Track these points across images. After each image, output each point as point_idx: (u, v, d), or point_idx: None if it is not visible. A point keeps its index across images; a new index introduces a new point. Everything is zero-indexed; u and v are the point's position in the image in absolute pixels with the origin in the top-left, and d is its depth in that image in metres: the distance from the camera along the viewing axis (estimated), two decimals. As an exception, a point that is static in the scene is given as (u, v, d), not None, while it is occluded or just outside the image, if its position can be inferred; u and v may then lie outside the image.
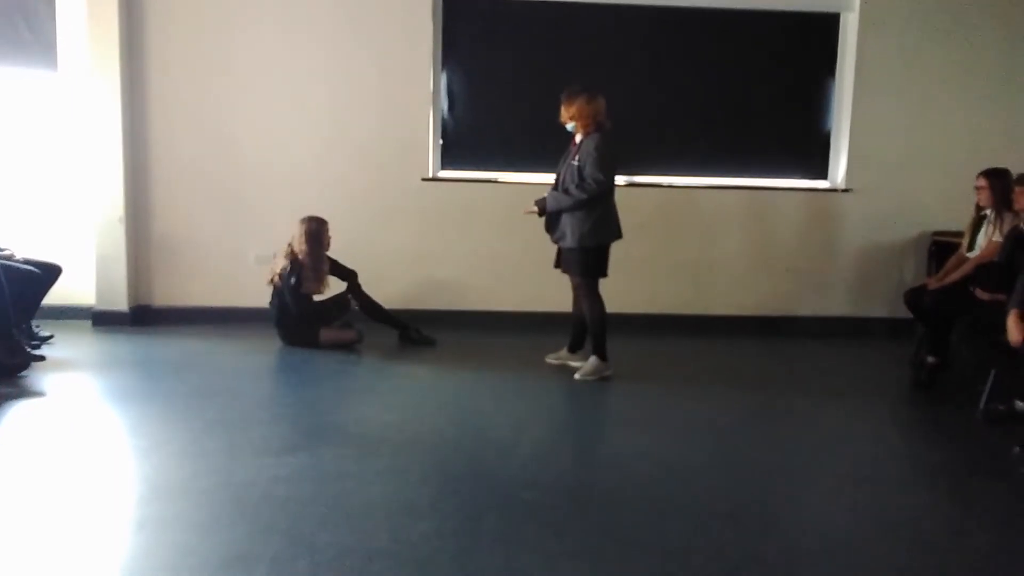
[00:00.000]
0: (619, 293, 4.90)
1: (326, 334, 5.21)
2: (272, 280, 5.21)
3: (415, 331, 5.40)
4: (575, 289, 4.72)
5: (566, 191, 4.51)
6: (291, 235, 5.21)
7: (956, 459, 3.68)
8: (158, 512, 2.85)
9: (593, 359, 4.62)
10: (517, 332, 5.65)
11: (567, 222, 4.52)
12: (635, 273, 5.87)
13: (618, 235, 4.61)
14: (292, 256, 5.16)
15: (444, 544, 2.65)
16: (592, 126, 4.49)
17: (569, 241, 4.54)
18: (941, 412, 4.37)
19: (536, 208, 4.62)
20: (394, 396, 4.37)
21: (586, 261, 4.55)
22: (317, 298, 5.31)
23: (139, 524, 2.76)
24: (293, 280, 5.10)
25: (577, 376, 4.58)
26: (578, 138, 4.55)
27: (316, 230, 5.17)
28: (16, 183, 5.71)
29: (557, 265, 4.73)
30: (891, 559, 2.69)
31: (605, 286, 4.61)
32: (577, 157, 4.51)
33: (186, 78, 5.69)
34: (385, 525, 2.77)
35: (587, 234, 4.49)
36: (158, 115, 5.71)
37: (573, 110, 4.50)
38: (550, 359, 4.89)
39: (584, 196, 4.44)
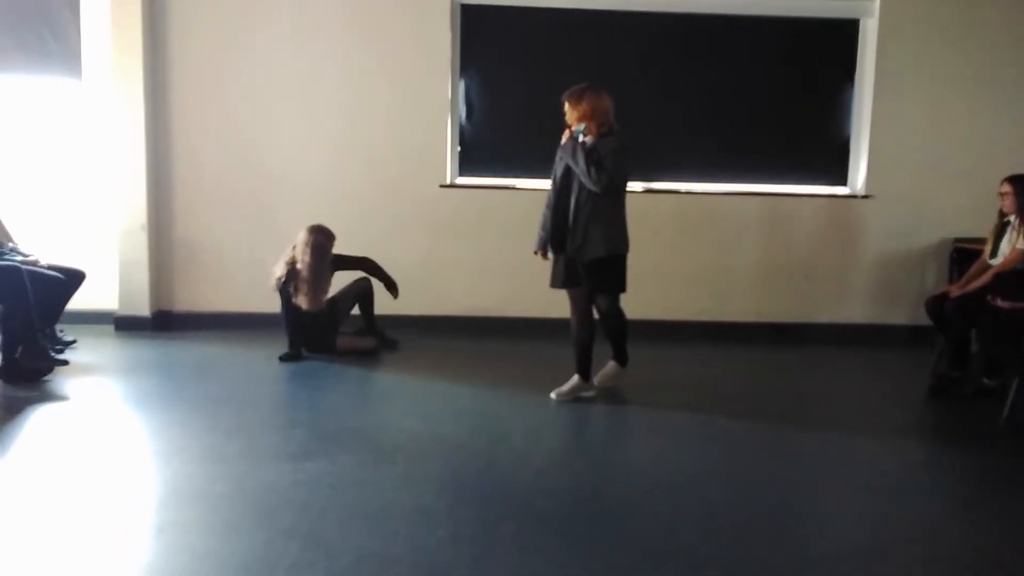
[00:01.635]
0: (635, 300, 4.86)
1: (343, 341, 5.22)
2: (275, 287, 5.09)
3: (382, 337, 5.39)
4: (580, 307, 4.37)
5: (588, 163, 4.05)
6: (297, 239, 5.06)
7: (977, 468, 3.63)
8: (177, 517, 2.88)
9: (614, 365, 4.52)
10: (534, 339, 5.65)
11: (592, 230, 4.12)
12: (651, 280, 5.84)
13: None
14: (291, 263, 5.00)
15: (460, 550, 2.66)
16: (605, 127, 4.16)
17: (598, 249, 4.14)
18: (963, 420, 4.32)
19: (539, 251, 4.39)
20: (410, 403, 4.39)
21: (615, 271, 4.23)
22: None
23: (158, 528, 2.79)
24: (291, 289, 5.00)
25: (596, 381, 4.45)
26: (587, 140, 4.16)
27: (322, 245, 4.98)
28: (41, 190, 5.79)
29: (559, 284, 4.34)
30: (907, 571, 2.67)
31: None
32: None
33: (208, 87, 5.75)
34: (402, 531, 2.78)
35: (617, 240, 4.18)
36: (180, 123, 5.78)
37: (584, 108, 4.15)
38: (598, 383, 4.49)
39: (598, 183, 4.03)
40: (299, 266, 4.98)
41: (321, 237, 5.00)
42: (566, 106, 4.25)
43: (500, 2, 5.80)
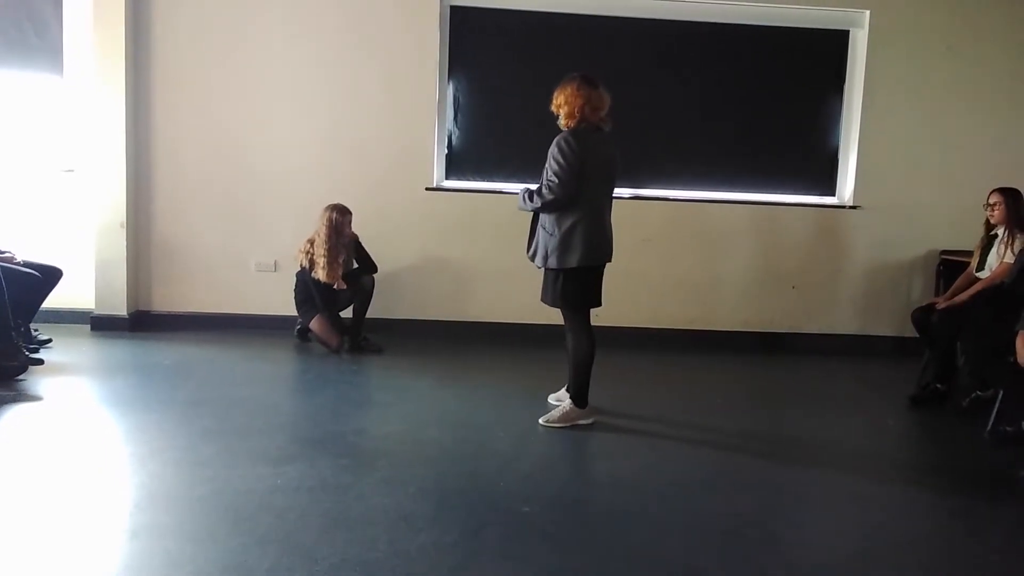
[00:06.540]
0: (624, 308, 4.83)
1: (317, 325, 5.22)
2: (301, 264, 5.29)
3: (364, 339, 5.35)
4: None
5: (530, 192, 3.88)
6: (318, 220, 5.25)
7: (962, 480, 3.61)
8: (153, 520, 2.80)
9: (568, 403, 4.03)
10: (519, 344, 5.60)
11: (539, 236, 3.90)
12: (640, 287, 5.83)
13: (601, 258, 3.90)
14: (311, 242, 5.20)
15: (443, 557, 2.59)
16: (574, 119, 3.81)
17: (538, 259, 3.90)
18: (947, 433, 4.31)
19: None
20: (394, 407, 4.32)
21: (555, 286, 3.87)
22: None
23: (133, 532, 2.71)
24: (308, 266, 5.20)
25: (542, 421, 3.99)
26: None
27: (335, 220, 5.16)
28: (19, 186, 5.69)
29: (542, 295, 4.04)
30: (899, 581, 2.64)
31: (609, 300, 4.11)
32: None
33: (191, 85, 5.67)
34: (383, 537, 2.71)
35: (552, 252, 3.80)
36: (162, 122, 5.70)
37: (560, 97, 3.85)
38: (551, 399, 4.30)
39: (538, 203, 3.78)
40: (316, 241, 5.17)
41: (335, 213, 5.19)
42: None
43: (490, 4, 5.77)
